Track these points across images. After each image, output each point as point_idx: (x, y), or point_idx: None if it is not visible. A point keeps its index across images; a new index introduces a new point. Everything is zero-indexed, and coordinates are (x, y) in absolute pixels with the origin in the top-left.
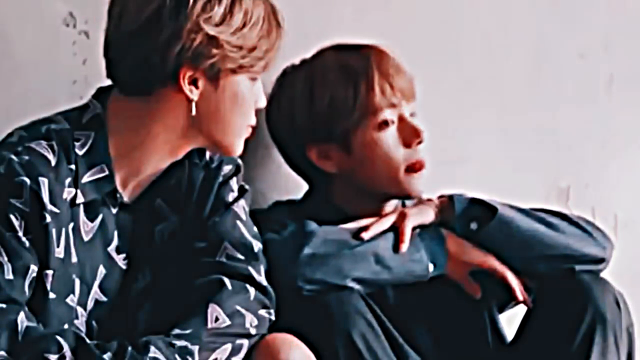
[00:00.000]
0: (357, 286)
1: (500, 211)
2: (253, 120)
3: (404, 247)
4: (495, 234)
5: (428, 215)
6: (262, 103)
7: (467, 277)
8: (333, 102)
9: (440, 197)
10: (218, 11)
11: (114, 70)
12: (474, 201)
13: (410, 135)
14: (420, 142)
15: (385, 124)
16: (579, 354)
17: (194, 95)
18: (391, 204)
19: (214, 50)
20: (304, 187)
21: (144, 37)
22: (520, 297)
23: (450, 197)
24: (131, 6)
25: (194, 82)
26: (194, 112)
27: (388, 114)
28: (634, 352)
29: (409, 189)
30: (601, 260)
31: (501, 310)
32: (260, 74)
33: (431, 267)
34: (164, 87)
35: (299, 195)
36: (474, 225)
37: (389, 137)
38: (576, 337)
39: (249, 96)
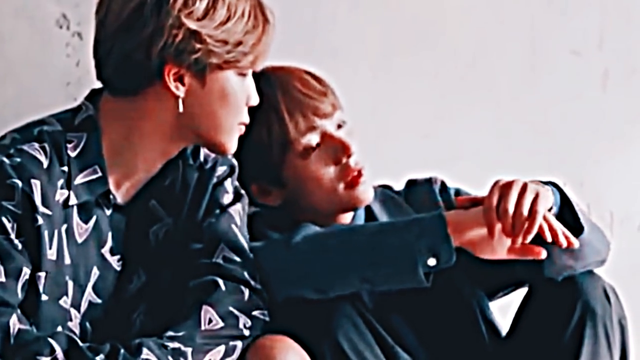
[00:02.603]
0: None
1: (585, 230)
2: (245, 118)
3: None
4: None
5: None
6: (255, 100)
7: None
8: (251, 141)
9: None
10: (200, 6)
11: (102, 71)
12: (563, 201)
13: (337, 151)
14: (349, 156)
15: (309, 149)
16: (570, 348)
17: (180, 92)
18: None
19: (197, 45)
20: None
21: (127, 35)
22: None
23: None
24: (114, 5)
25: (180, 79)
26: (180, 109)
27: (309, 139)
28: (627, 344)
29: (353, 203)
30: (603, 262)
31: (491, 297)
32: (249, 69)
33: (432, 262)
34: (151, 86)
35: None
36: None
37: (316, 161)
38: (566, 332)
39: (239, 92)
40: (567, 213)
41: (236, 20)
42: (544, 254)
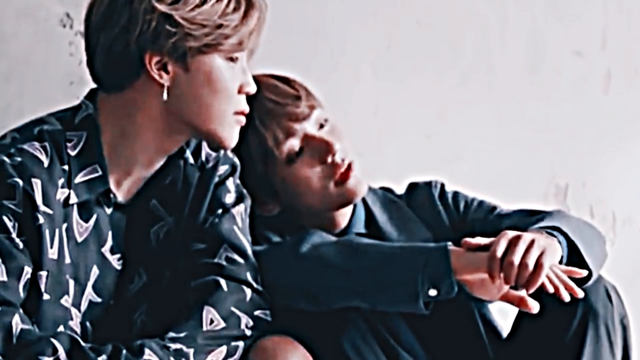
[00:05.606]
0: None
1: (593, 273)
2: (242, 106)
3: None
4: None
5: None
6: (252, 88)
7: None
8: (238, 156)
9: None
10: None
11: (93, 69)
12: (571, 247)
13: (321, 151)
14: (334, 154)
15: (293, 154)
16: (572, 349)
17: (165, 80)
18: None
19: (172, 30)
20: None
21: (106, 28)
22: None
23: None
24: (97, 3)
25: (164, 67)
26: (165, 97)
27: (291, 145)
28: (629, 343)
29: (348, 197)
30: None
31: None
32: (236, 53)
33: (433, 293)
34: (138, 78)
35: None
36: None
37: (303, 164)
38: (568, 333)
39: (228, 77)
40: (574, 257)
41: (213, 2)
42: (536, 309)
